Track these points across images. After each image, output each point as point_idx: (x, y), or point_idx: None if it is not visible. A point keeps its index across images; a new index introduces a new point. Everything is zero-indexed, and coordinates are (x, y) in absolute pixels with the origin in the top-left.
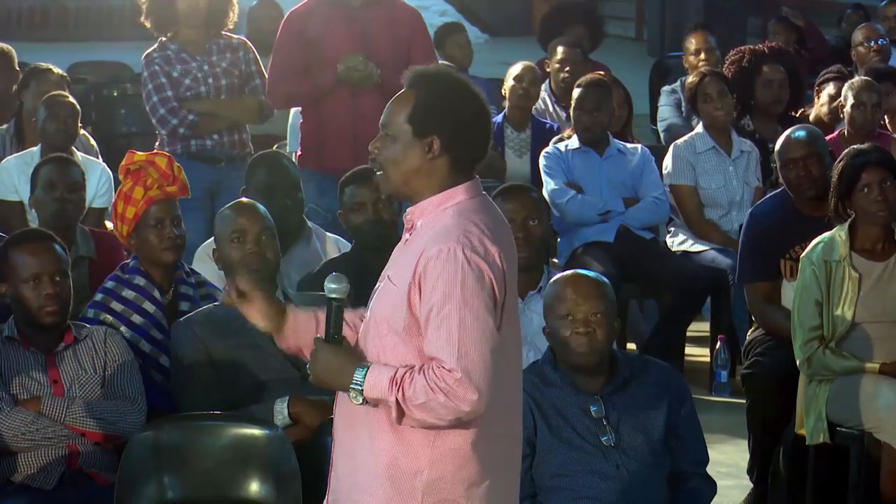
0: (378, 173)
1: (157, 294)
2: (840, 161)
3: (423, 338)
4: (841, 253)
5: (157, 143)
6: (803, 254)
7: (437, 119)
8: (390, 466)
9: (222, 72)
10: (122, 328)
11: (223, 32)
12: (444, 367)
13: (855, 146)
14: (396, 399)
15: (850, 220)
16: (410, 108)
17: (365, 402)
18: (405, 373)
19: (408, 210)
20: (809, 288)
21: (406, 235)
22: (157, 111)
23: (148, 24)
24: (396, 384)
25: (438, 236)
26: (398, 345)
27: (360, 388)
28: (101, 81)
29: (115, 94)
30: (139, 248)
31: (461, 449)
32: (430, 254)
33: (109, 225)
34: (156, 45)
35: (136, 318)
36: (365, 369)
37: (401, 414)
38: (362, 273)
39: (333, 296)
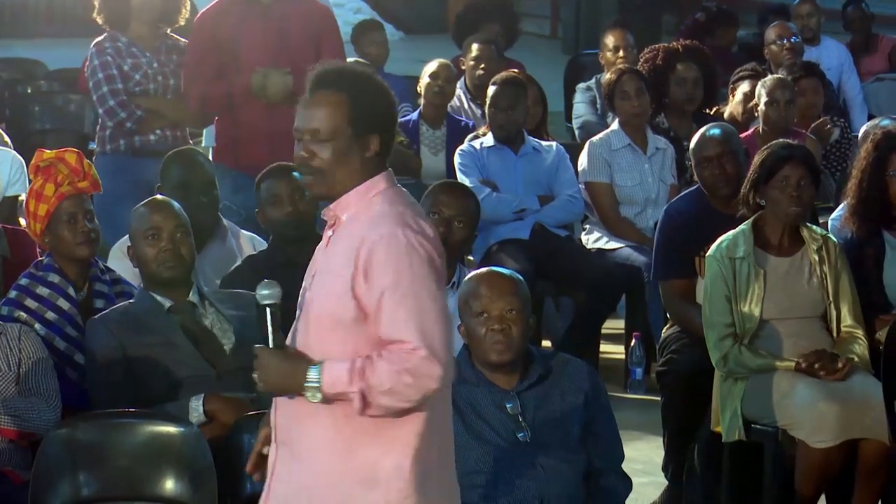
0: (306, 178)
1: (71, 291)
2: (766, 149)
3: (376, 324)
4: (745, 249)
5: (97, 138)
6: (708, 252)
7: (375, 118)
8: (351, 460)
9: (170, 72)
10: (37, 325)
11: (172, 34)
12: (406, 348)
13: (784, 140)
14: (360, 389)
15: (755, 215)
16: (348, 110)
17: (324, 399)
18: (363, 362)
19: (329, 207)
20: (717, 284)
21: (328, 233)
22: (106, 101)
23: (100, 20)
24: (357, 374)
25: (376, 223)
26: (346, 337)
27: (316, 385)
28: (15, 78)
29: (29, 90)
30: (53, 244)
31: (412, 441)
32: (372, 239)
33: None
34: (105, 36)
35: (51, 316)
36: (319, 366)
37: (365, 405)
38: (288, 267)
39: (267, 302)
